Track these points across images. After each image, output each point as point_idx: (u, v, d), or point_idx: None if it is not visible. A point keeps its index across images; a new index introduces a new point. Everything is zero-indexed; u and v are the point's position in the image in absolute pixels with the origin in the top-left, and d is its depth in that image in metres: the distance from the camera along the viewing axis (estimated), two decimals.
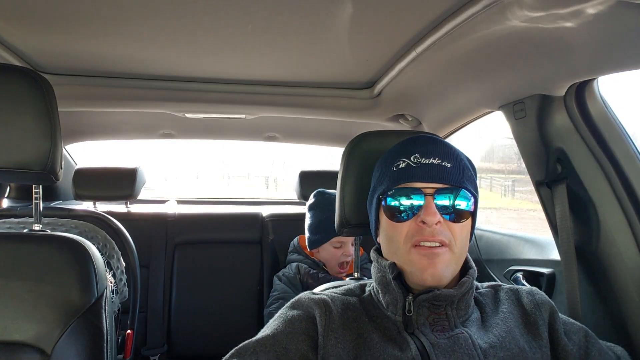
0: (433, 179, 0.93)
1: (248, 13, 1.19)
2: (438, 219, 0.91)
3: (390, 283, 0.95)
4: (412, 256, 0.92)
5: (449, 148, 0.99)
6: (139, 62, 1.64)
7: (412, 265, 0.92)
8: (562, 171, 1.25)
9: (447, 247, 0.91)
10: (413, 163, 0.95)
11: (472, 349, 0.88)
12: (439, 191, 0.93)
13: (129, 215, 2.51)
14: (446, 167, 0.94)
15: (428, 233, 0.90)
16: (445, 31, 1.16)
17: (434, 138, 1.02)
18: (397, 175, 0.95)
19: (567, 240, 1.22)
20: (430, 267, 0.90)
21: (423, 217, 0.90)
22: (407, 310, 0.92)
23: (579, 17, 0.89)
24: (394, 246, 0.95)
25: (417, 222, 0.92)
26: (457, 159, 0.97)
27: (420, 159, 0.95)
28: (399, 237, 0.94)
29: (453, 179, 0.94)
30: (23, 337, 1.06)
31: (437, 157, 0.95)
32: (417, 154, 0.95)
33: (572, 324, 1.01)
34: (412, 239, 0.92)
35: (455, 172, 0.95)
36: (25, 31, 1.37)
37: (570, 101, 1.20)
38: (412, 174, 0.94)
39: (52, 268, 1.10)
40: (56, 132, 1.09)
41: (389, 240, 0.97)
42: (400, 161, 0.96)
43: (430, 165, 0.94)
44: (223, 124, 2.44)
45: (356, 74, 1.75)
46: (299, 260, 2.15)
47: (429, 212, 0.90)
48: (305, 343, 0.89)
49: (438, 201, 0.92)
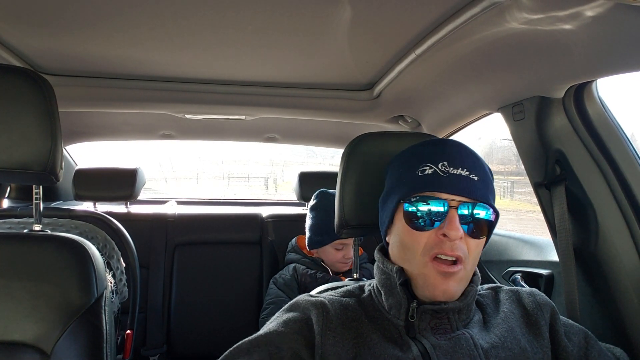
0: (460, 192, 0.89)
1: (248, 15, 1.19)
2: (461, 234, 0.88)
3: (395, 287, 0.94)
4: (427, 270, 0.89)
5: (477, 159, 0.95)
6: (139, 63, 1.64)
7: (425, 279, 0.90)
8: (561, 173, 1.26)
9: (462, 264, 0.89)
10: (441, 171, 0.91)
11: (473, 349, 0.88)
12: (463, 204, 0.89)
13: (129, 216, 2.51)
14: (473, 179, 0.91)
15: (448, 247, 0.88)
16: (445, 33, 1.17)
17: (462, 145, 0.97)
18: (423, 181, 0.91)
19: (566, 242, 1.23)
20: (443, 285, 0.88)
21: (446, 230, 0.87)
22: (411, 316, 0.92)
23: (577, 20, 0.90)
24: (409, 254, 0.92)
25: (438, 234, 0.89)
26: (483, 171, 0.94)
27: (449, 168, 0.91)
28: (417, 247, 0.91)
29: (479, 194, 0.91)
30: (23, 337, 1.06)
31: (465, 168, 0.91)
32: (446, 162, 0.91)
33: (572, 325, 1.01)
34: (430, 251, 0.89)
35: (481, 187, 0.92)
36: (26, 32, 1.37)
37: (569, 103, 1.21)
38: (439, 183, 0.90)
39: (52, 268, 1.11)
40: (56, 133, 1.09)
41: (403, 247, 0.94)
42: (427, 166, 0.92)
43: (458, 176, 0.90)
44: (223, 125, 2.45)
45: (356, 76, 1.75)
46: (296, 260, 2.15)
47: (452, 226, 0.87)
48: (298, 342, 0.89)
49: (462, 213, 0.89)
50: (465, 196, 0.89)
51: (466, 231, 0.90)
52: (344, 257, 2.03)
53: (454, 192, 0.89)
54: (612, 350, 1.02)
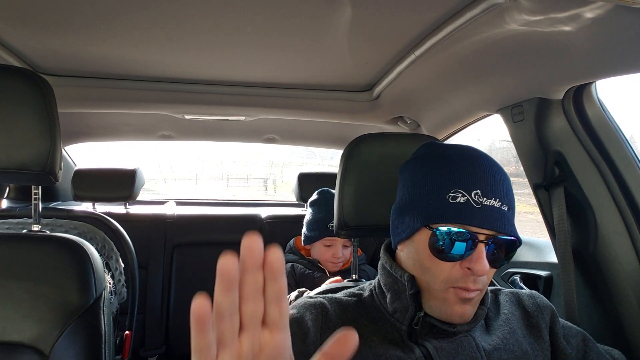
0: (492, 227, 0.84)
1: (248, 15, 1.19)
2: (487, 269, 0.84)
3: (403, 293, 0.92)
4: (448, 295, 0.87)
5: (508, 183, 0.90)
6: (138, 63, 1.64)
7: (444, 303, 0.87)
8: (560, 174, 1.26)
9: (480, 291, 0.88)
10: (474, 202, 0.85)
11: (476, 351, 0.88)
12: (492, 237, 0.85)
13: (127, 217, 2.50)
14: (504, 211, 0.86)
15: (471, 281, 0.85)
16: (444, 34, 1.17)
17: (495, 168, 0.90)
18: (454, 210, 0.85)
19: (565, 243, 1.23)
20: (461, 309, 0.87)
21: (473, 265, 0.84)
22: (414, 323, 0.91)
23: (577, 21, 0.90)
24: (428, 278, 0.89)
25: (462, 266, 0.85)
26: (511, 196, 0.89)
27: (482, 199, 0.85)
28: (439, 274, 0.87)
29: (509, 227, 0.86)
30: (21, 337, 1.05)
31: (497, 198, 0.86)
32: (479, 191, 0.85)
33: (571, 327, 1.00)
34: (453, 283, 0.86)
35: (510, 218, 0.87)
36: (26, 32, 1.37)
37: (568, 104, 1.21)
38: (472, 216, 0.84)
39: (51, 269, 1.10)
40: (55, 133, 1.09)
41: (422, 269, 0.90)
42: (459, 193, 0.86)
43: (491, 208, 0.85)
44: (222, 125, 2.45)
45: (355, 77, 1.75)
46: (294, 261, 2.15)
47: (480, 262, 0.83)
48: (295, 345, 0.87)
49: (491, 247, 0.85)
50: (496, 230, 0.85)
51: (492, 265, 0.87)
52: (333, 255, 2.03)
53: (485, 227, 0.84)
54: (611, 352, 1.02)
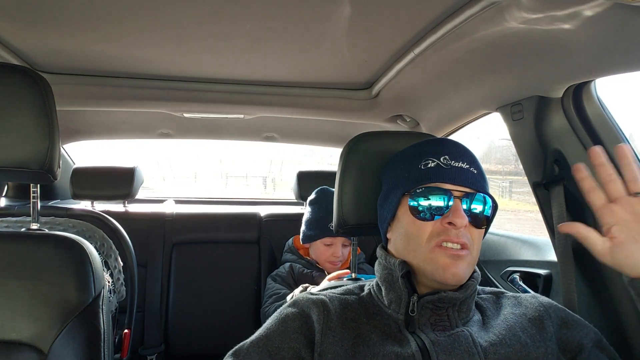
0: (463, 183, 0.93)
1: (246, 13, 1.19)
2: (466, 222, 0.91)
3: (396, 281, 0.95)
4: (435, 255, 0.91)
5: (473, 155, 1.00)
6: (137, 61, 1.64)
7: (434, 263, 0.91)
8: (560, 172, 1.26)
9: (468, 250, 0.92)
10: (443, 164, 0.95)
11: (472, 346, 0.88)
12: (466, 194, 0.93)
13: (126, 215, 2.50)
14: (473, 172, 0.95)
15: (454, 234, 0.91)
16: (444, 32, 1.17)
17: (460, 143, 1.02)
18: (427, 173, 0.95)
19: (564, 242, 1.23)
20: (453, 267, 0.90)
21: (452, 219, 0.90)
22: (411, 310, 0.93)
23: (576, 19, 0.90)
24: (414, 244, 0.94)
25: (443, 223, 0.92)
26: (480, 166, 0.99)
27: (450, 161, 0.95)
28: (422, 236, 0.93)
29: (480, 186, 0.95)
30: (20, 336, 1.05)
31: (465, 162, 0.96)
32: (447, 156, 0.95)
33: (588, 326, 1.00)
34: (437, 238, 0.92)
35: (480, 179, 0.96)
36: (24, 30, 1.36)
37: (567, 103, 1.21)
38: (443, 175, 0.94)
39: (50, 267, 1.10)
40: (54, 131, 1.09)
41: (408, 237, 0.96)
42: (429, 160, 0.96)
43: (460, 168, 0.94)
44: (221, 124, 2.44)
45: (354, 75, 1.75)
46: (292, 260, 2.16)
47: (458, 214, 0.90)
48: (298, 341, 0.90)
49: (466, 203, 0.93)
50: (467, 187, 0.93)
51: (472, 223, 0.93)
52: (333, 254, 2.03)
53: (457, 183, 0.93)
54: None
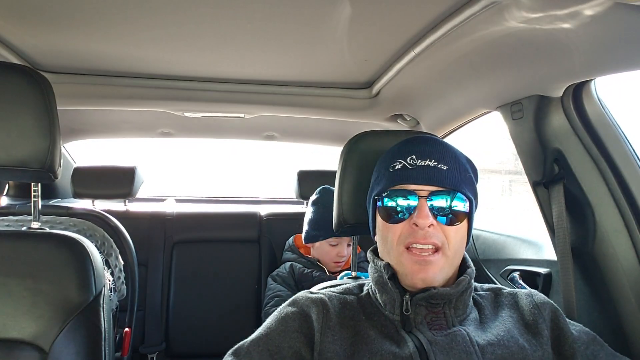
0: (427, 181, 0.93)
1: (247, 12, 1.19)
2: (430, 221, 0.91)
3: (386, 283, 0.95)
4: (403, 259, 0.93)
5: (447, 149, 0.98)
6: (138, 61, 1.64)
7: (403, 267, 0.93)
8: (559, 172, 1.26)
9: (440, 251, 0.92)
10: (409, 165, 0.95)
11: (469, 345, 0.88)
12: (433, 193, 0.93)
13: (127, 214, 2.51)
14: (442, 169, 0.94)
15: (420, 235, 0.91)
16: (444, 32, 1.17)
17: (432, 139, 1.02)
18: (393, 176, 0.96)
19: (564, 241, 1.23)
20: (421, 272, 0.91)
21: (415, 219, 0.91)
22: (405, 310, 0.93)
23: (576, 19, 0.90)
24: (388, 247, 0.96)
25: (410, 224, 0.92)
26: (455, 160, 0.97)
27: (416, 161, 0.95)
28: (393, 238, 0.94)
29: (448, 182, 0.93)
30: (21, 334, 1.06)
31: (433, 159, 0.94)
32: (414, 156, 0.95)
33: (581, 327, 1.01)
34: (404, 240, 0.93)
35: (450, 175, 0.94)
36: (25, 30, 1.36)
37: (567, 102, 1.21)
38: (406, 176, 0.94)
39: (51, 266, 1.11)
40: (55, 130, 1.09)
41: (383, 240, 0.98)
42: (397, 162, 0.96)
43: (425, 167, 0.94)
44: (222, 123, 2.44)
45: (355, 74, 1.75)
46: (293, 259, 2.16)
47: (421, 214, 0.91)
48: (298, 340, 0.90)
49: (433, 202, 0.92)
50: (432, 184, 0.93)
51: (444, 222, 0.93)
52: (338, 254, 2.04)
53: (421, 182, 0.93)
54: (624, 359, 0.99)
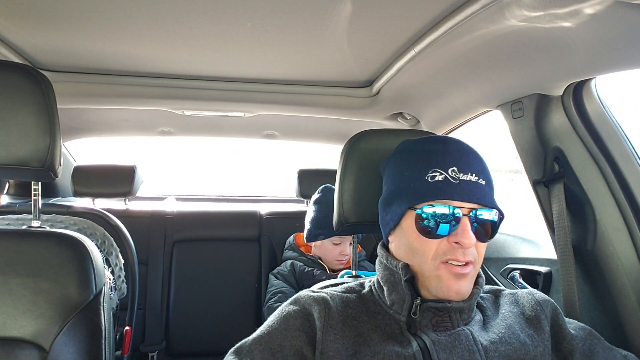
0: (471, 199, 0.89)
1: (247, 11, 1.19)
2: (474, 242, 0.88)
3: (399, 282, 0.94)
4: (441, 272, 0.90)
5: (481, 160, 0.95)
6: (138, 59, 1.64)
7: (439, 281, 0.90)
8: (560, 170, 1.26)
9: (472, 264, 0.91)
10: (451, 178, 0.90)
11: (472, 344, 0.88)
12: (475, 210, 0.90)
13: (127, 212, 2.51)
14: (482, 185, 0.91)
15: (460, 254, 0.89)
16: (444, 30, 1.17)
17: (468, 147, 0.96)
18: (434, 188, 0.90)
19: (564, 239, 1.23)
20: (457, 285, 0.89)
21: (459, 239, 0.88)
22: (413, 313, 0.92)
23: (577, 17, 0.90)
24: (419, 258, 0.92)
25: (450, 241, 0.89)
26: (488, 173, 0.94)
27: (459, 174, 0.90)
28: (428, 252, 0.91)
29: (488, 199, 0.91)
30: (21, 333, 1.06)
31: (473, 173, 0.91)
32: (455, 168, 0.90)
33: (576, 322, 1.02)
34: (442, 257, 0.89)
35: (489, 191, 0.92)
36: (25, 28, 1.36)
37: (567, 101, 1.21)
38: (451, 191, 0.89)
39: (51, 264, 1.11)
40: (55, 129, 1.09)
41: (412, 251, 0.93)
42: (437, 172, 0.91)
43: (469, 182, 0.90)
44: (222, 121, 2.45)
45: (355, 73, 1.75)
46: (294, 258, 2.17)
47: (466, 234, 0.87)
48: (300, 339, 0.90)
49: (475, 220, 0.90)
50: (476, 203, 0.89)
51: (479, 238, 0.90)
52: (341, 253, 2.04)
53: (466, 199, 0.89)
54: (621, 352, 1.00)
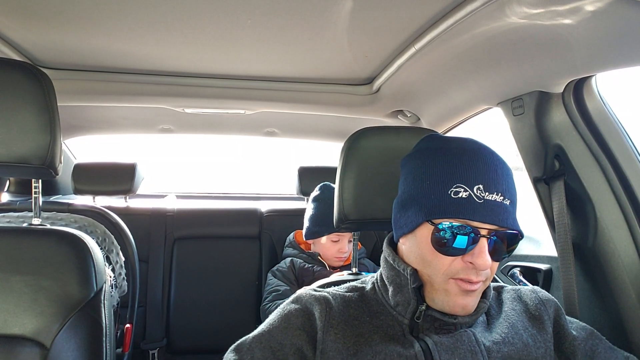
0: (493, 221, 0.84)
1: (247, 8, 1.19)
2: (489, 264, 0.84)
3: (406, 286, 0.92)
4: (449, 287, 0.87)
5: (510, 176, 0.89)
6: (138, 57, 1.64)
7: (446, 295, 0.88)
8: (560, 168, 1.26)
9: (483, 282, 0.88)
10: (476, 197, 0.84)
11: (475, 345, 0.88)
12: (495, 232, 0.85)
13: (128, 210, 2.51)
14: (506, 205, 0.85)
15: (473, 274, 0.85)
16: (445, 27, 1.16)
17: (498, 162, 0.89)
18: (457, 206, 0.85)
19: (565, 237, 1.23)
20: (464, 301, 0.87)
21: (475, 260, 0.84)
22: (417, 317, 0.91)
23: (577, 14, 0.90)
24: (429, 271, 0.89)
25: (465, 260, 0.85)
26: (514, 190, 0.89)
27: (484, 193, 0.84)
28: (440, 267, 0.87)
29: (511, 221, 0.85)
30: (22, 330, 1.06)
31: (500, 193, 0.85)
32: (481, 186, 0.84)
33: (578, 322, 1.01)
34: (455, 274, 0.86)
35: (512, 212, 0.87)
36: (25, 26, 1.36)
37: (568, 98, 1.21)
38: (474, 211, 0.83)
39: (52, 262, 1.11)
40: (55, 127, 1.09)
41: (424, 262, 0.90)
42: (461, 189, 0.85)
43: (493, 203, 0.84)
44: (222, 119, 2.45)
45: (355, 70, 1.75)
46: (294, 255, 2.17)
47: (482, 256, 0.83)
48: (300, 338, 0.89)
49: (493, 242, 0.85)
50: (498, 225, 0.84)
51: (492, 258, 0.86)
52: (339, 250, 2.04)
53: (487, 221, 0.84)
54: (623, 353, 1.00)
